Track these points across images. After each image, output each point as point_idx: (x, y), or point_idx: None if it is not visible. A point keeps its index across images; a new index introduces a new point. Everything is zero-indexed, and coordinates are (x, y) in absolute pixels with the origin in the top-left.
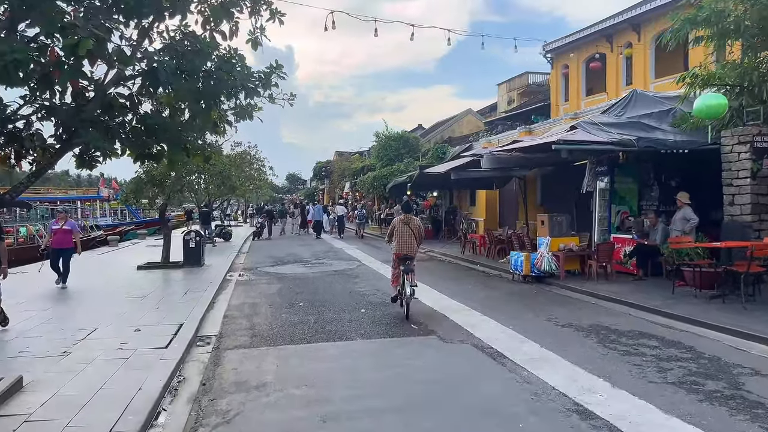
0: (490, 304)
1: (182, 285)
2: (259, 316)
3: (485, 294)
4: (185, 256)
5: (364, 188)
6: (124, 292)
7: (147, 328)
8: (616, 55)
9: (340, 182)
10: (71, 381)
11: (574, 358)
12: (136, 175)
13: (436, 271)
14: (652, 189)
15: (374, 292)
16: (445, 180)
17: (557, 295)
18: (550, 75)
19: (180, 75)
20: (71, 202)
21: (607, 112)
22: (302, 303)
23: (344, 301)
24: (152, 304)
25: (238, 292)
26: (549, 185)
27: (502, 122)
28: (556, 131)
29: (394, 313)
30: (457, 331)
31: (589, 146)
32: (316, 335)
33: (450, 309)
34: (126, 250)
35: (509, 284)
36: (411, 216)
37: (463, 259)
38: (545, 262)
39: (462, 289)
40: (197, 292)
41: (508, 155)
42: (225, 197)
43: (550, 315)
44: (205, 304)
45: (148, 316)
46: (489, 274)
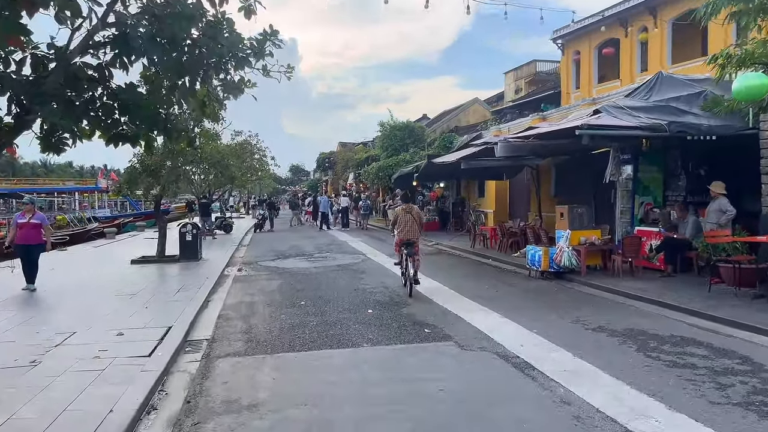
0: (508, 304)
1: (176, 281)
2: (256, 317)
3: (501, 292)
4: (181, 250)
5: (369, 179)
6: (113, 289)
7: (131, 332)
8: (630, 40)
9: (344, 173)
10: (33, 400)
11: (613, 370)
12: (129, 164)
13: (446, 266)
14: (679, 178)
15: (381, 290)
16: (452, 170)
17: (580, 293)
18: (561, 62)
19: (158, 42)
20: (69, 194)
21: (632, 96)
22: (304, 302)
23: (349, 299)
24: (141, 303)
25: (236, 289)
26: (564, 175)
27: (510, 111)
28: (576, 116)
29: (404, 315)
30: (476, 336)
31: (617, 131)
32: (319, 340)
33: (465, 309)
34: (123, 242)
35: (526, 281)
36: (412, 205)
37: (474, 252)
38: (565, 257)
39: (475, 286)
40: (191, 290)
41: (524, 142)
42: (225, 188)
43: (576, 316)
44: (198, 303)
45: (136, 317)
46: (503, 270)
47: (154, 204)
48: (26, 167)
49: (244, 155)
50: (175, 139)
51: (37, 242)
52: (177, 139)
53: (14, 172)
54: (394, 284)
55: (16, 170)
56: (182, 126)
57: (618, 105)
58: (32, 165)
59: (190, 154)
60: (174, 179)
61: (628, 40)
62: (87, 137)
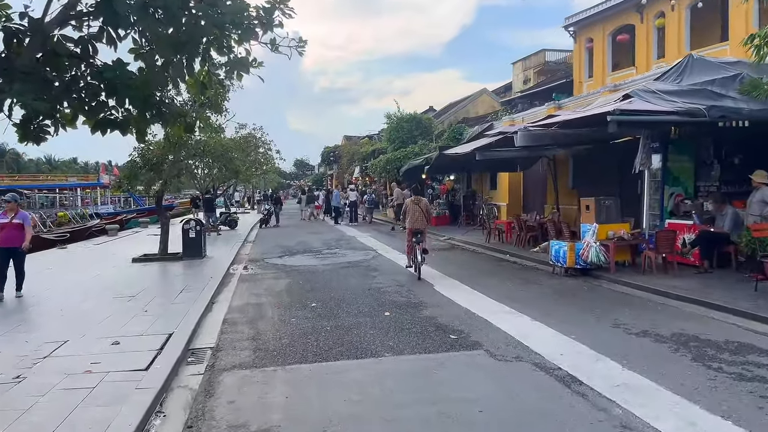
0: (536, 305)
1: (179, 281)
2: (264, 321)
3: (527, 291)
4: (184, 247)
5: (376, 172)
6: (112, 291)
7: (128, 340)
8: (646, 26)
9: (349, 167)
10: (10, 427)
11: (673, 384)
12: (130, 158)
13: (462, 263)
14: (712, 167)
15: (397, 289)
16: (464, 162)
17: (612, 292)
18: (573, 50)
19: (150, 12)
20: (70, 190)
21: (661, 80)
22: (315, 303)
23: (363, 300)
24: (141, 306)
25: (242, 289)
26: (583, 166)
27: (521, 101)
28: (602, 103)
29: (425, 317)
30: (508, 343)
31: (652, 117)
32: (335, 349)
33: (490, 311)
34: (125, 239)
35: (551, 279)
36: (420, 197)
37: (489, 248)
38: (593, 253)
39: (497, 285)
40: (194, 290)
41: (546, 131)
42: (229, 182)
43: (615, 319)
44: (201, 306)
45: (134, 322)
46: (523, 266)
47: (155, 200)
48: (31, 164)
49: (248, 149)
50: (171, 125)
51: (21, 244)
52: (173, 124)
53: (19, 168)
54: (409, 283)
55: (21, 167)
56: (179, 110)
57: (649, 89)
58: (37, 161)
59: (192, 147)
60: (176, 173)
61: (643, 25)
62: (69, 123)
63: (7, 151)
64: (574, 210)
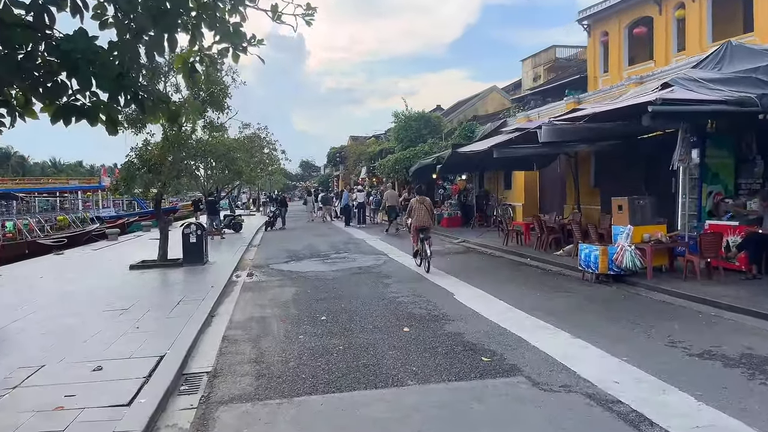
0: (572, 318)
1: (177, 290)
2: (268, 339)
3: (558, 301)
4: (185, 253)
5: (384, 172)
6: (103, 302)
7: (113, 365)
8: (665, 18)
9: (356, 167)
10: None
11: (764, 424)
12: (127, 159)
13: (481, 269)
14: (754, 163)
15: (414, 299)
16: (478, 161)
17: (654, 301)
18: (587, 44)
19: None
20: (71, 193)
21: (699, 68)
22: (324, 316)
23: (378, 312)
24: (133, 321)
25: (245, 299)
26: (606, 163)
27: (534, 97)
28: (634, 94)
29: (450, 334)
30: (551, 367)
31: (699, 107)
32: (349, 375)
33: (523, 326)
34: (125, 244)
35: (582, 286)
36: (424, 197)
37: (508, 251)
38: (627, 258)
39: (524, 294)
40: (193, 302)
41: (571, 125)
42: (233, 184)
43: (668, 335)
44: (199, 320)
45: (123, 340)
46: (548, 272)
47: (154, 203)
48: (36, 167)
49: (252, 149)
50: (151, 113)
51: None
52: (153, 112)
53: (24, 172)
54: (426, 291)
55: (26, 170)
56: (160, 94)
57: (690, 77)
58: (42, 165)
59: (193, 147)
60: (175, 175)
61: (662, 17)
62: (26, 111)
63: (12, 155)
64: (597, 210)
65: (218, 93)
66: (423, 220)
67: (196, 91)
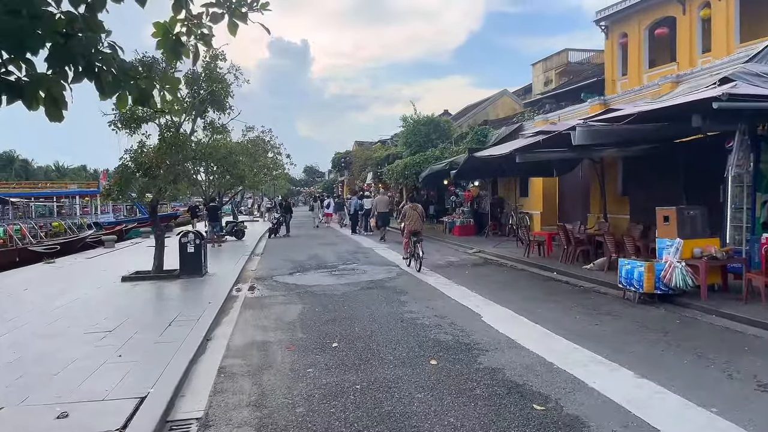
0: (629, 349)
1: (171, 307)
2: (271, 372)
3: (604, 326)
4: (182, 264)
5: (393, 177)
6: (87, 322)
7: (84, 409)
8: (689, 18)
9: (361, 173)
10: None
11: None
12: (121, 162)
13: (505, 284)
14: None
15: (437, 321)
16: (495, 166)
17: (718, 329)
18: (605, 46)
19: None
20: (69, 197)
21: (753, 62)
22: (336, 343)
23: (398, 338)
24: (117, 345)
25: (245, 319)
26: (636, 170)
27: (549, 101)
28: (686, 91)
29: (488, 370)
30: (622, 420)
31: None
32: (372, 428)
33: (573, 360)
34: (122, 252)
35: (625, 307)
36: (416, 204)
37: (530, 263)
38: (677, 276)
39: (562, 316)
40: (187, 322)
41: (610, 127)
42: (235, 189)
43: (755, 377)
44: (193, 345)
45: (101, 373)
46: (580, 288)
47: (149, 209)
48: (40, 171)
49: (256, 153)
50: (111, 91)
51: None
52: (113, 90)
53: (27, 176)
54: (450, 311)
55: (30, 174)
56: (123, 64)
57: (751, 71)
58: (46, 169)
59: (192, 150)
60: (172, 179)
61: (686, 17)
62: None
63: (16, 159)
64: (624, 220)
65: (220, 91)
66: (416, 224)
67: (196, 90)
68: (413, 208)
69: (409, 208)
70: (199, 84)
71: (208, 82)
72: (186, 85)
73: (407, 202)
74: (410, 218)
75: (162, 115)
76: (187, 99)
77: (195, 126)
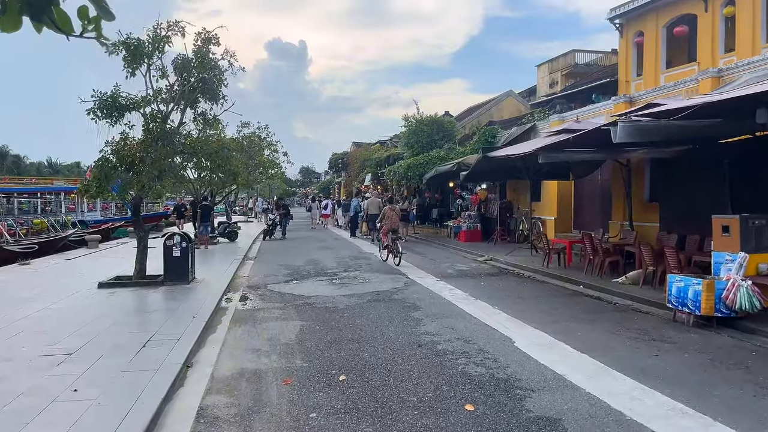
0: (715, 393)
1: (149, 322)
2: (265, 417)
3: (667, 359)
4: (167, 269)
5: (394, 179)
6: (48, 340)
7: None
8: (711, 16)
9: (359, 174)
10: None
11: None
12: (101, 155)
13: (529, 299)
14: None
15: (462, 348)
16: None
17: None
18: (619, 45)
19: None
20: (55, 194)
21: None
22: (344, 375)
23: (419, 370)
24: (76, 374)
25: (235, 338)
26: (667, 173)
27: (560, 101)
28: (745, 83)
29: (539, 420)
30: None
31: None
32: None
33: (645, 408)
34: (105, 253)
35: (680, 332)
36: (394, 205)
37: (550, 274)
38: (742, 296)
39: (609, 342)
40: (164, 343)
41: (656, 124)
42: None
43: None
44: (167, 378)
45: (45, 419)
46: (616, 306)
47: (132, 208)
48: (32, 167)
49: (251, 150)
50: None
51: None
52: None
53: (19, 172)
54: (475, 333)
55: (22, 170)
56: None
57: None
58: (38, 165)
59: (180, 143)
60: (156, 175)
61: (708, 15)
62: None
63: (7, 154)
64: (653, 228)
65: (212, 79)
66: (393, 223)
67: (186, 77)
68: (392, 209)
69: (388, 209)
70: (190, 71)
71: (199, 69)
72: (175, 71)
73: (385, 204)
74: (389, 218)
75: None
76: (176, 87)
77: (184, 117)
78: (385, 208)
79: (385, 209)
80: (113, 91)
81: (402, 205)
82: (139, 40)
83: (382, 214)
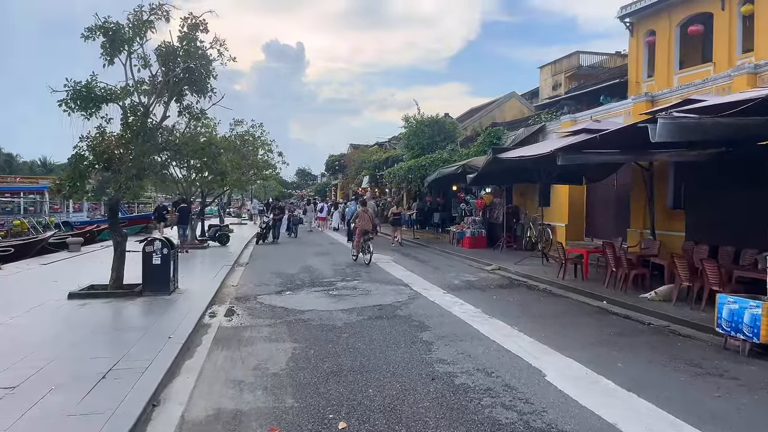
0: None
1: (115, 344)
2: None
3: (734, 402)
4: (146, 278)
5: (394, 181)
6: None
7: None
8: (728, 14)
9: (357, 176)
10: None
11: None
12: (75, 151)
13: (550, 317)
14: None
15: (486, 383)
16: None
17: None
18: (630, 45)
19: None
20: (38, 193)
21: None
22: (344, 422)
23: (435, 415)
24: (12, 418)
25: (215, 366)
26: (695, 178)
27: (567, 102)
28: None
29: None
30: None
31: None
32: None
33: None
34: (86, 257)
35: (735, 362)
36: (367, 208)
37: (567, 287)
38: None
39: (661, 380)
40: (129, 373)
41: (697, 121)
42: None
43: None
44: (125, 424)
45: None
46: (651, 327)
47: (109, 210)
48: (25, 166)
49: (245, 150)
50: None
51: None
52: None
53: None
54: (497, 363)
55: (14, 169)
56: None
57: None
58: (31, 164)
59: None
60: (135, 173)
61: (725, 13)
62: None
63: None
64: (679, 238)
65: (199, 69)
66: (366, 224)
67: (171, 67)
68: (364, 210)
69: (361, 211)
70: (175, 60)
71: (185, 58)
72: (158, 59)
73: (359, 206)
74: (362, 219)
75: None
76: (159, 77)
77: (168, 111)
78: (359, 210)
79: (358, 210)
80: (89, 80)
81: (395, 209)
82: (118, 24)
83: (355, 215)
